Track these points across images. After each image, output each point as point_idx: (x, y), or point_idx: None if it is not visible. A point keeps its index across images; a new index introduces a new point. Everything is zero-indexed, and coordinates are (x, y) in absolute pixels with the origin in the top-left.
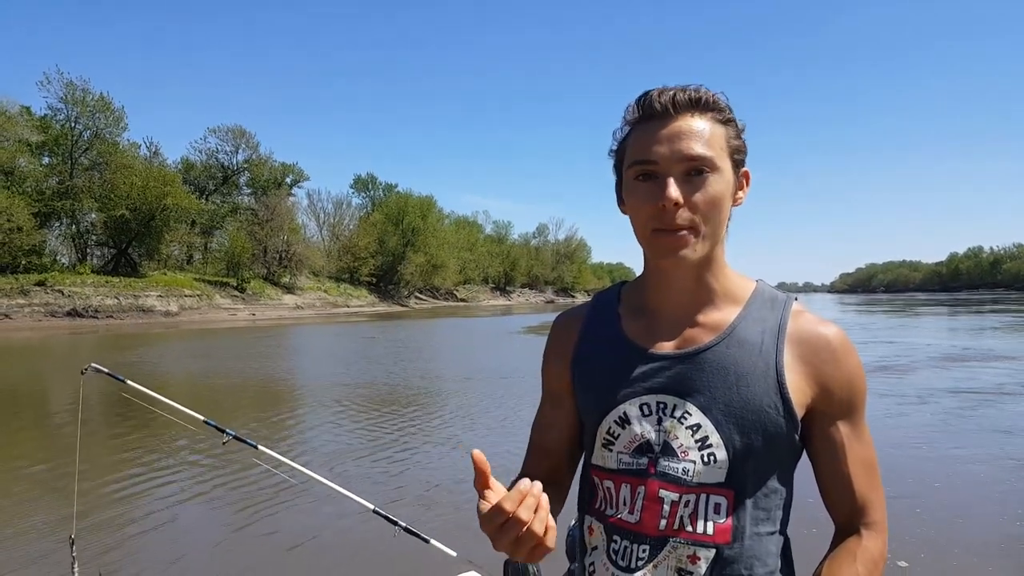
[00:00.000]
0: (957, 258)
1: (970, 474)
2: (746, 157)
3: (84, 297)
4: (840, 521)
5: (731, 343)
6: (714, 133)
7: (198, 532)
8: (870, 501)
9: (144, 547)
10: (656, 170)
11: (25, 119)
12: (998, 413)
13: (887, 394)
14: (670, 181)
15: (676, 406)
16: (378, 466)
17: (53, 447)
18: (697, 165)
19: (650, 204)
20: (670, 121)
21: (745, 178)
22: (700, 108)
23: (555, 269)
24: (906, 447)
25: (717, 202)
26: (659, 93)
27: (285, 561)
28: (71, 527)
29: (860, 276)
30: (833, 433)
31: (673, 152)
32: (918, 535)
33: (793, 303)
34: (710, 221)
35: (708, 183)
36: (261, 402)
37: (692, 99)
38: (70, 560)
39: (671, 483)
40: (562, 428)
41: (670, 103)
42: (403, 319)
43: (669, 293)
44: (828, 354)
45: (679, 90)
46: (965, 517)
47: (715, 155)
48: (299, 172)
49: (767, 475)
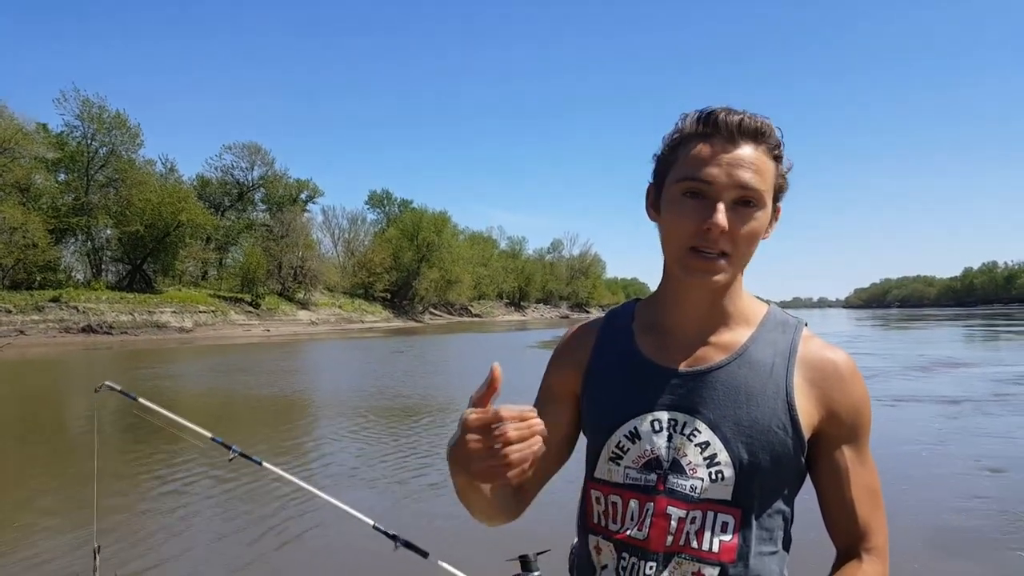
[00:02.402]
0: (972, 273)
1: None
2: (784, 195)
3: (99, 313)
4: (841, 546)
5: (742, 363)
6: (768, 168)
7: (201, 545)
8: (872, 527)
9: (157, 556)
10: (708, 191)
11: (42, 136)
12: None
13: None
14: (720, 206)
15: (686, 423)
16: (386, 478)
17: (71, 458)
18: (749, 196)
19: (695, 223)
20: (732, 146)
21: (776, 213)
22: (761, 139)
23: (570, 284)
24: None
25: (755, 236)
26: (726, 114)
27: (280, 574)
28: (92, 538)
29: (874, 291)
30: (838, 458)
31: (730, 179)
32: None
33: (803, 328)
34: (744, 253)
35: (753, 216)
36: (280, 416)
37: (757, 128)
38: (92, 568)
39: (679, 500)
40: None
41: (736, 127)
42: (418, 335)
43: (685, 312)
44: (836, 379)
45: (747, 116)
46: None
47: (765, 190)
48: (314, 188)
49: (773, 496)
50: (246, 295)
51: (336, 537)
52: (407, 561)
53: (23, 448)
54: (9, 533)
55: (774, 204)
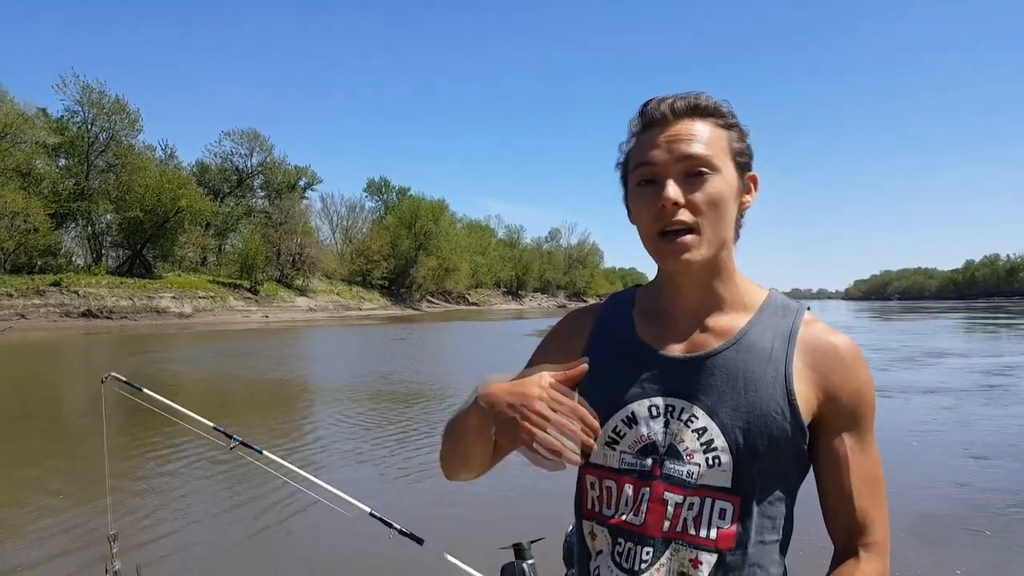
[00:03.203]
0: (973, 266)
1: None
2: (752, 160)
3: (99, 298)
4: (839, 542)
5: (741, 348)
6: (714, 136)
7: (201, 531)
8: (871, 519)
9: (159, 531)
10: (656, 173)
11: (42, 121)
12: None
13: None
14: (669, 182)
15: (683, 409)
16: (384, 465)
17: (78, 445)
18: (695, 165)
19: (652, 207)
20: (669, 126)
21: (752, 182)
22: (700, 114)
23: (567, 273)
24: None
25: (718, 202)
26: (659, 101)
27: (282, 560)
28: (106, 525)
29: (874, 283)
30: (837, 445)
31: (671, 153)
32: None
33: (805, 312)
34: (712, 222)
35: (708, 183)
36: (280, 401)
37: (691, 105)
38: (108, 554)
39: (675, 485)
40: None
41: (669, 109)
42: (415, 322)
43: (680, 298)
44: (836, 363)
45: (678, 97)
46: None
47: (714, 155)
48: (312, 175)
49: (773, 483)
50: (245, 281)
51: (333, 523)
52: (402, 546)
53: (30, 430)
54: (22, 509)
55: (742, 172)
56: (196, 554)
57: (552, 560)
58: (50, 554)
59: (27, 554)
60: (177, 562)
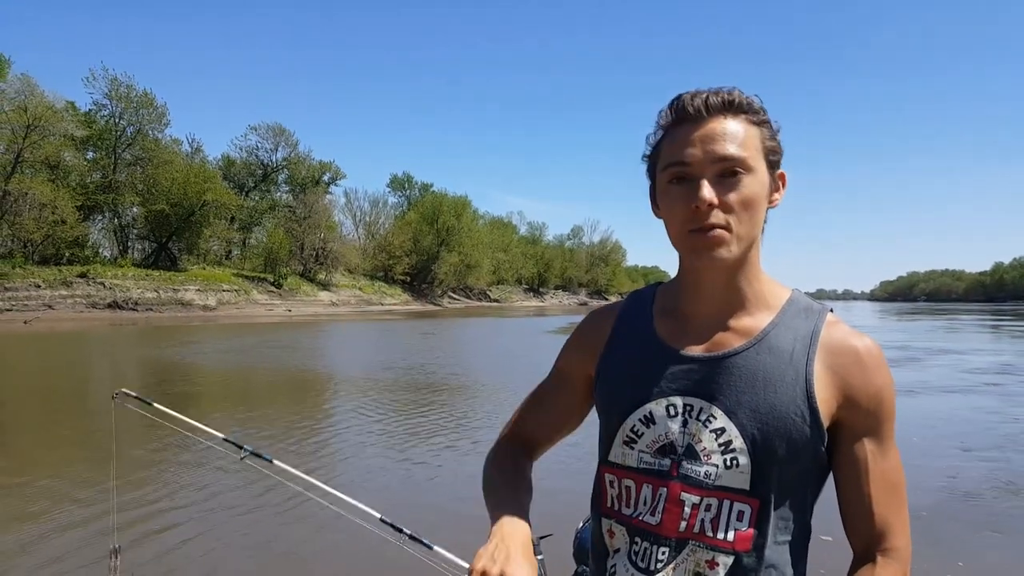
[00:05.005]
0: (1002, 268)
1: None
2: (781, 158)
3: (125, 290)
4: (858, 548)
5: (761, 349)
6: (748, 134)
7: (214, 539)
8: (891, 525)
9: (170, 554)
10: (690, 172)
11: (71, 114)
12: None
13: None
14: (704, 183)
15: (702, 409)
16: (399, 469)
17: (90, 449)
18: (731, 166)
19: (685, 206)
20: (703, 124)
21: (781, 180)
22: (733, 110)
23: (589, 271)
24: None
25: (751, 202)
26: (692, 96)
27: (294, 566)
28: (111, 538)
29: (901, 284)
30: (857, 449)
31: (706, 153)
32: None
33: (828, 314)
34: (744, 222)
35: (742, 184)
36: (298, 397)
37: (725, 101)
38: (110, 567)
39: (693, 486)
40: (558, 409)
41: (703, 106)
42: (437, 318)
43: (702, 296)
44: (857, 366)
45: (712, 93)
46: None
47: (749, 156)
48: (336, 170)
49: (792, 486)
50: (269, 275)
51: (341, 527)
52: (412, 551)
53: (48, 420)
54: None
55: (772, 170)
56: (201, 564)
57: (562, 556)
58: (51, 558)
59: (27, 561)
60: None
